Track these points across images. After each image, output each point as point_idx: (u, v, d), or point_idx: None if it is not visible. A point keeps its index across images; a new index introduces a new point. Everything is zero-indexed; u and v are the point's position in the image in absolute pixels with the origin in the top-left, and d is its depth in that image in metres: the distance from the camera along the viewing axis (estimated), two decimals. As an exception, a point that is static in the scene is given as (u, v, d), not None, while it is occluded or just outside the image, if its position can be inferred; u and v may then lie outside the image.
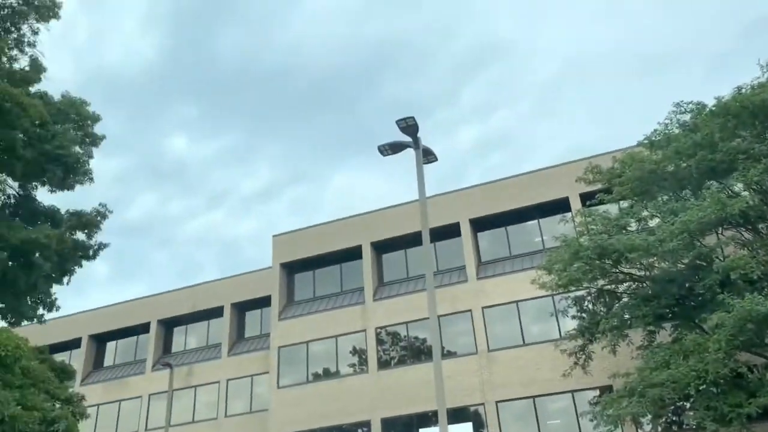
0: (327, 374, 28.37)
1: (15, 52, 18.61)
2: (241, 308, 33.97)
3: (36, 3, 18.44)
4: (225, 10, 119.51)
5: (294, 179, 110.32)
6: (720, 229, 18.44)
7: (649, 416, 17.91)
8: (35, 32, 18.97)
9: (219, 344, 33.20)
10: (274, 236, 32.15)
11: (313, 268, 31.13)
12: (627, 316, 18.85)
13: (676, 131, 19.42)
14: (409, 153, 14.20)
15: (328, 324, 28.95)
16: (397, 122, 13.43)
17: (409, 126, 13.49)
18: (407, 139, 13.93)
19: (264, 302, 32.18)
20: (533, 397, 24.27)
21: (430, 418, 24.52)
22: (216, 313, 33.77)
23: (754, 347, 16.83)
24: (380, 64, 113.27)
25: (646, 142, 20.15)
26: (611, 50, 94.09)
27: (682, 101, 19.50)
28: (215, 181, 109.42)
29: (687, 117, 19.49)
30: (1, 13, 18.27)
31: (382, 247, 30.02)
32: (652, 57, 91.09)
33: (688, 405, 18.23)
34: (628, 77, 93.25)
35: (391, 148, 14.02)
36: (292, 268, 31.59)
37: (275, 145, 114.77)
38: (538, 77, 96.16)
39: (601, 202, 20.78)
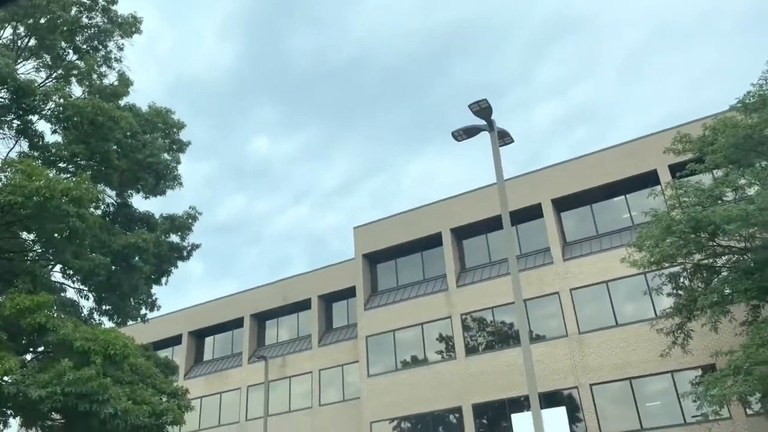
0: (415, 361, 28.57)
1: (104, 68, 19.89)
2: (328, 300, 34.76)
3: (119, 21, 19.57)
4: (296, 11, 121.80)
5: (372, 170, 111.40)
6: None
7: (758, 395, 16.97)
8: (120, 48, 20.19)
9: (309, 335, 34.15)
10: (355, 228, 32.61)
11: (395, 257, 31.37)
12: (728, 291, 17.89)
13: (773, 91, 18.05)
14: (486, 136, 14.01)
15: (413, 312, 29.11)
16: (470, 106, 13.26)
17: (482, 109, 13.29)
18: (482, 122, 13.74)
19: (349, 293, 32.82)
20: (629, 378, 23.49)
21: (522, 403, 24.24)
22: (304, 305, 34.74)
23: None
24: (452, 48, 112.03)
25: (739, 105, 18.85)
26: (703, 11, 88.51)
27: (777, 58, 18.12)
28: (298, 178, 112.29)
29: (784, 75, 18.07)
30: (89, 32, 19.52)
31: (462, 233, 29.82)
32: (749, 15, 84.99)
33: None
34: (724, 39, 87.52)
35: (465, 133, 13.88)
36: (374, 259, 31.96)
37: (352, 138, 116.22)
38: (621, 47, 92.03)
39: (693, 173, 19.67)
